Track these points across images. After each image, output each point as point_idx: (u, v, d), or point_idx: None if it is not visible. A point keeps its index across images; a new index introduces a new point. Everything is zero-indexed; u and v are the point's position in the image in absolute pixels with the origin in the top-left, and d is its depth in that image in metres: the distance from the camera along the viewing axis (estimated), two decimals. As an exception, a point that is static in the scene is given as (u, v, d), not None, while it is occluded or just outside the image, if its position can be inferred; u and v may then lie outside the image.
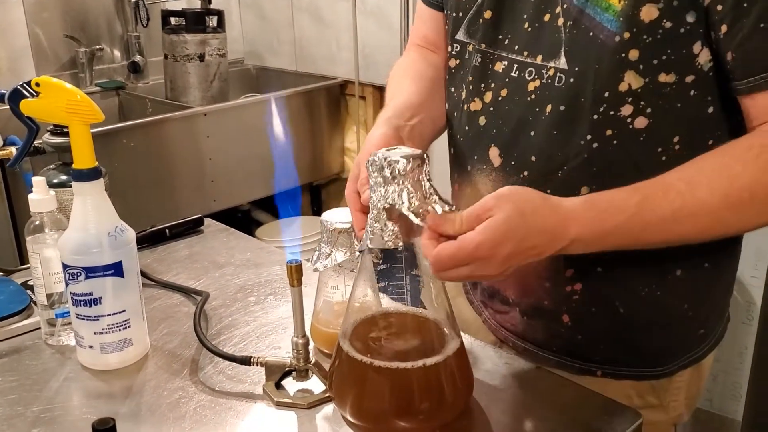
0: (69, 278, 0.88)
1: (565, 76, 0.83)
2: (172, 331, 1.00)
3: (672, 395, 0.96)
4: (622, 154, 0.82)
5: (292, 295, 0.83)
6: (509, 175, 0.89)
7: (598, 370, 0.94)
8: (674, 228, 0.77)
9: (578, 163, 0.84)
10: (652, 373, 0.94)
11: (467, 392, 0.81)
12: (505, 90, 0.90)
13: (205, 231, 1.34)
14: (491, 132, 0.91)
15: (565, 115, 0.83)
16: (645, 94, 0.80)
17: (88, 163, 0.86)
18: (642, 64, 0.78)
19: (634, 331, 0.92)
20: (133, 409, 0.85)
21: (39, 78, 0.85)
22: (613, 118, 0.81)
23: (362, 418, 0.79)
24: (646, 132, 0.81)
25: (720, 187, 0.76)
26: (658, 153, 0.82)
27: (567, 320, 0.93)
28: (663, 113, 0.80)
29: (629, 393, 0.94)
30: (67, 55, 2.55)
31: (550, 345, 0.96)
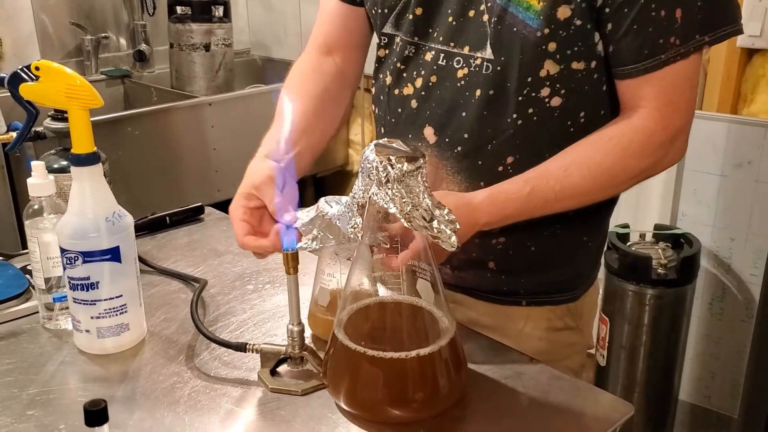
0: (66, 262, 0.88)
1: (492, 65, 0.95)
2: (169, 318, 1.01)
3: (585, 318, 1.12)
4: (541, 127, 0.97)
5: (288, 282, 0.83)
6: (444, 150, 1.01)
7: (523, 300, 1.08)
8: (557, 206, 0.95)
9: (505, 138, 0.97)
10: (566, 297, 1.09)
11: (461, 382, 0.81)
12: (435, 77, 1.01)
13: (205, 219, 1.34)
14: (425, 113, 1.02)
15: (493, 98, 0.96)
16: (560, 79, 0.94)
17: (87, 148, 0.87)
18: (558, 54, 0.93)
19: (545, 263, 1.06)
20: (127, 394, 0.85)
21: (39, 62, 0.85)
22: (534, 99, 0.95)
23: (356, 406, 0.79)
24: (560, 109, 0.96)
25: (588, 173, 0.93)
26: (568, 125, 0.97)
27: (492, 266, 1.06)
28: (574, 93, 0.96)
29: (550, 316, 1.09)
30: (73, 43, 2.56)
31: (479, 289, 1.09)
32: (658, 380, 1.96)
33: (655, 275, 1.85)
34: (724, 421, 2.05)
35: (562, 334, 1.10)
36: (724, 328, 2.02)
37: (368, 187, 0.75)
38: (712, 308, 2.02)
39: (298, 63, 1.16)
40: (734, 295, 1.97)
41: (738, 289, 1.95)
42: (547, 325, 1.08)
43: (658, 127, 0.93)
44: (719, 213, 1.93)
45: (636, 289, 1.85)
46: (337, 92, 1.14)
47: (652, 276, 1.85)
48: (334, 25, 1.15)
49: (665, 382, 1.98)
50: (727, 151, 1.87)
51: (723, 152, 1.88)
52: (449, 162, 1.01)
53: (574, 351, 1.12)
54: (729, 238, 1.92)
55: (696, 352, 2.07)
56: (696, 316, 2.01)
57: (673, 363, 1.96)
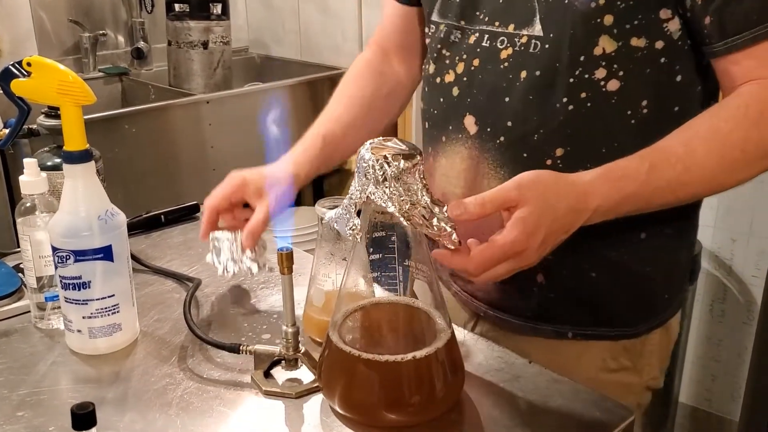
0: (58, 261, 0.87)
1: (540, 43, 0.87)
2: (162, 318, 0.99)
3: (646, 359, 1.00)
4: (595, 116, 0.87)
5: (283, 283, 0.82)
6: (485, 141, 0.93)
7: (570, 331, 0.97)
8: (680, 189, 0.83)
9: (554, 126, 0.88)
10: (620, 334, 0.98)
11: (458, 385, 0.80)
12: (477, 60, 0.93)
13: (200, 218, 1.32)
14: (466, 101, 0.95)
15: (541, 80, 0.87)
16: (618, 58, 0.84)
17: (79, 146, 0.85)
18: (616, 29, 0.83)
19: (601, 292, 0.96)
20: (119, 395, 0.84)
21: (31, 58, 0.84)
22: (587, 81, 0.86)
23: (351, 409, 0.78)
24: (618, 94, 0.86)
25: (714, 148, 0.81)
26: (628, 116, 0.87)
27: (541, 280, 0.96)
28: (634, 77, 0.85)
29: (604, 356, 0.98)
30: (71, 40, 2.54)
31: (523, 310, 0.99)
32: (658, 382, 1.94)
33: (655, 276, 1.83)
34: (724, 425, 2.04)
35: (615, 375, 0.98)
36: (725, 331, 2.00)
37: (365, 187, 0.74)
38: (712, 310, 2.01)
39: (356, 60, 1.16)
40: (735, 297, 1.96)
41: (739, 290, 1.94)
42: (600, 366, 0.97)
43: None
44: (721, 214, 1.92)
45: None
46: (388, 93, 1.13)
47: (653, 277, 1.83)
48: (392, 25, 1.14)
49: (666, 384, 1.96)
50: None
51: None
52: (491, 155, 0.92)
53: (629, 392, 1.00)
54: (730, 239, 1.91)
55: (696, 354, 2.06)
56: (696, 318, 2.00)
57: (673, 365, 1.95)
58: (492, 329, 1.03)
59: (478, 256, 0.76)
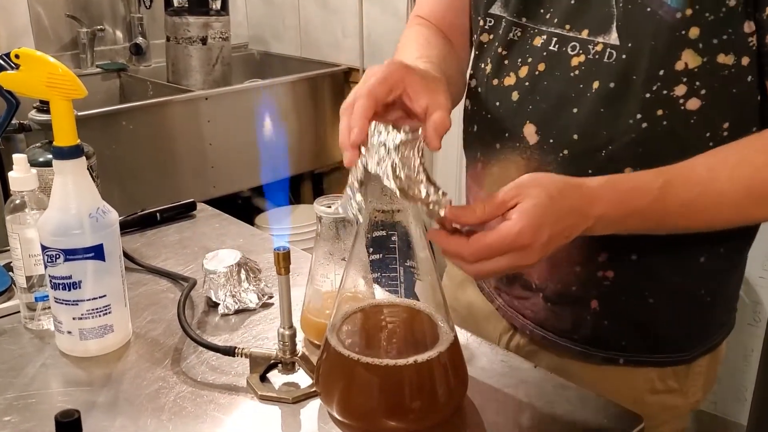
0: (48, 260, 0.84)
1: (616, 53, 0.80)
2: (156, 318, 0.97)
3: (692, 381, 0.95)
4: (671, 135, 0.80)
5: (279, 283, 0.79)
6: (547, 153, 0.86)
7: (621, 358, 0.93)
8: (695, 214, 0.78)
9: (625, 143, 0.82)
10: (673, 360, 0.93)
11: (461, 391, 0.77)
12: (543, 65, 0.87)
13: (197, 216, 1.30)
14: (527, 108, 0.88)
15: (615, 92, 0.81)
16: (701, 75, 0.78)
17: (70, 141, 0.82)
18: (701, 43, 0.76)
19: (659, 319, 0.91)
20: (110, 399, 0.81)
21: (19, 50, 0.81)
22: (665, 98, 0.79)
23: (349, 415, 0.75)
24: (698, 114, 0.79)
25: (742, 178, 0.76)
26: (706, 138, 0.80)
27: (595, 306, 0.90)
28: (717, 96, 0.79)
29: (652, 377, 0.93)
30: (69, 35, 2.52)
31: (572, 333, 0.93)
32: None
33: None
34: (729, 427, 2.01)
35: (661, 397, 0.94)
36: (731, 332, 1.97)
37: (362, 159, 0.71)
38: (717, 311, 1.98)
39: (409, 31, 1.02)
40: (741, 298, 1.92)
41: (746, 291, 1.91)
42: (646, 388, 0.93)
43: None
44: (726, 214, 1.88)
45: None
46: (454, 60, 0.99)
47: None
48: (438, 6, 1.03)
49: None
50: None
51: (731, 151, 1.84)
52: (552, 168, 0.85)
53: (673, 416, 0.96)
54: (737, 239, 1.88)
55: (701, 355, 2.03)
56: (701, 320, 1.97)
57: (677, 367, 1.92)
58: (529, 344, 0.99)
59: (477, 243, 0.72)
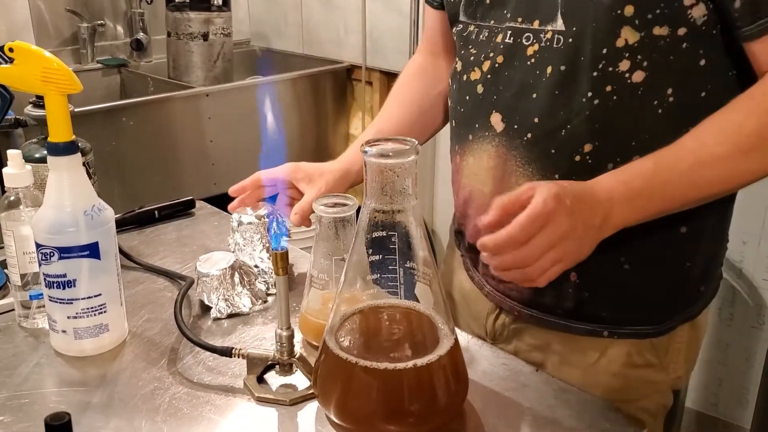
0: (42, 258, 0.83)
1: (563, 38, 0.86)
2: (153, 318, 0.95)
3: (672, 356, 0.98)
4: (622, 108, 0.85)
5: (277, 284, 0.77)
6: (512, 138, 0.92)
7: (604, 330, 0.95)
8: (698, 180, 0.81)
9: (580, 121, 0.87)
10: (654, 330, 0.95)
11: (461, 394, 0.76)
12: (501, 57, 0.92)
13: (196, 213, 1.28)
14: (491, 98, 0.94)
15: (566, 75, 0.86)
16: (641, 49, 0.83)
17: (65, 137, 0.81)
18: (637, 19, 0.82)
19: (638, 288, 0.93)
20: (104, 400, 0.80)
21: (13, 43, 0.79)
22: (612, 74, 0.84)
23: (347, 419, 0.74)
24: (643, 86, 0.84)
25: (728, 138, 0.80)
26: (654, 106, 0.85)
27: (575, 278, 0.93)
28: (658, 66, 0.84)
29: (629, 351, 0.96)
30: (69, 31, 2.50)
31: (555, 308, 0.96)
32: (664, 387, 1.91)
33: (663, 278, 1.79)
34: (731, 429, 2.00)
35: (640, 371, 0.96)
36: (733, 334, 1.96)
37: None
38: (721, 313, 1.96)
39: (407, 66, 1.19)
40: (744, 301, 1.91)
41: (749, 294, 1.89)
42: (625, 360, 0.95)
43: None
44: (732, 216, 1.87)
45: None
46: (440, 93, 1.13)
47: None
48: (434, 29, 1.15)
49: (671, 388, 1.92)
50: (740, 152, 1.81)
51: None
52: (518, 152, 0.91)
53: (654, 390, 0.98)
54: (741, 241, 1.86)
55: (703, 358, 2.01)
56: (704, 321, 1.96)
57: (679, 369, 1.91)
58: (514, 322, 1.02)
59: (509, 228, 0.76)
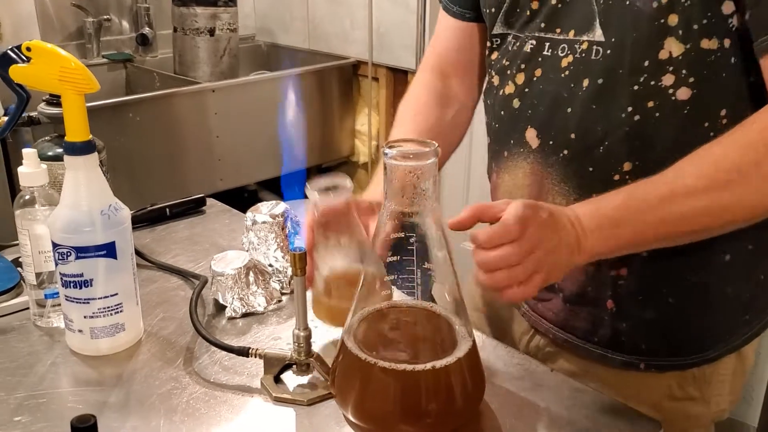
0: (59, 258, 0.83)
1: (601, 49, 0.81)
2: (167, 317, 0.95)
3: (715, 388, 0.93)
4: (666, 126, 0.80)
5: (295, 284, 0.77)
6: (548, 155, 0.88)
7: (642, 362, 0.91)
8: (668, 214, 0.75)
9: (619, 137, 0.82)
10: (694, 360, 0.91)
11: (478, 396, 0.76)
12: (539, 70, 0.88)
13: (207, 211, 1.28)
14: (526, 113, 0.90)
15: (604, 88, 0.82)
16: (687, 62, 0.77)
17: (82, 136, 0.81)
18: (682, 30, 0.76)
19: (679, 318, 0.89)
20: (121, 399, 0.80)
21: (30, 42, 0.79)
22: (654, 89, 0.79)
23: (365, 419, 0.74)
24: (690, 104, 0.79)
25: (706, 172, 0.74)
26: (705, 128, 0.80)
27: (611, 306, 0.90)
28: (707, 83, 0.78)
29: (670, 384, 0.92)
30: (74, 25, 2.49)
31: (592, 336, 0.93)
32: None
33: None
34: (736, 428, 2.00)
35: (681, 404, 0.92)
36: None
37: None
38: (727, 311, 1.96)
39: (413, 86, 1.08)
40: (751, 298, 1.91)
41: (756, 292, 1.90)
42: (665, 393, 0.91)
43: None
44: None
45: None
46: (453, 117, 1.05)
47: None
48: (448, 42, 1.07)
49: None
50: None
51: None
52: (554, 169, 0.87)
53: (695, 425, 0.94)
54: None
55: (709, 355, 2.01)
56: (711, 319, 1.96)
57: (687, 367, 1.91)
58: (549, 345, 0.99)
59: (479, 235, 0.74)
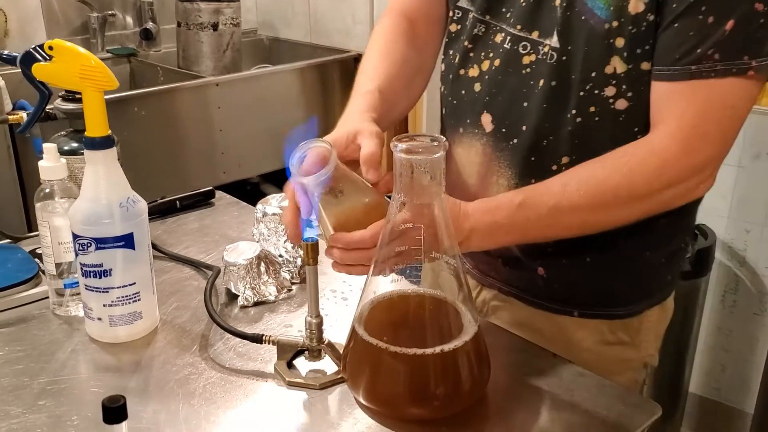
0: (79, 248, 0.86)
1: (557, 54, 0.90)
2: (181, 306, 0.99)
3: (643, 335, 1.03)
4: (602, 130, 0.90)
5: (308, 274, 0.81)
6: (500, 140, 0.96)
7: (575, 311, 1.01)
8: (553, 224, 0.87)
9: (562, 135, 0.91)
10: (623, 313, 1.01)
11: (484, 380, 0.79)
12: (499, 60, 0.96)
13: (216, 204, 1.31)
14: (484, 99, 0.97)
15: (556, 90, 0.90)
16: (627, 79, 0.87)
17: (101, 131, 0.84)
18: (626, 52, 0.85)
19: (602, 277, 0.99)
20: (141, 384, 0.83)
21: (52, 41, 0.82)
22: (597, 97, 0.88)
23: (376, 401, 0.78)
24: (625, 113, 0.88)
25: (587, 189, 0.85)
26: (635, 132, 0.89)
27: (542, 272, 1.00)
28: (641, 98, 0.87)
29: (602, 329, 1.01)
30: (79, 20, 2.51)
31: (530, 291, 1.03)
32: (668, 372, 1.94)
33: (668, 267, 1.83)
34: (733, 414, 2.04)
35: (614, 348, 1.02)
36: (736, 321, 2.00)
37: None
38: (724, 300, 2.00)
39: (380, 27, 1.09)
40: (747, 288, 1.95)
41: (752, 281, 1.93)
42: (598, 338, 1.01)
43: (679, 150, 0.83)
44: (735, 204, 1.90)
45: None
46: (417, 63, 1.06)
47: (666, 267, 1.83)
48: None
49: (676, 374, 1.96)
50: (745, 142, 1.84)
51: (741, 143, 1.85)
52: (503, 154, 0.96)
53: (627, 367, 1.03)
54: (744, 230, 1.90)
55: (707, 344, 2.05)
56: (708, 309, 1.99)
57: (684, 356, 1.95)
58: (495, 299, 1.07)
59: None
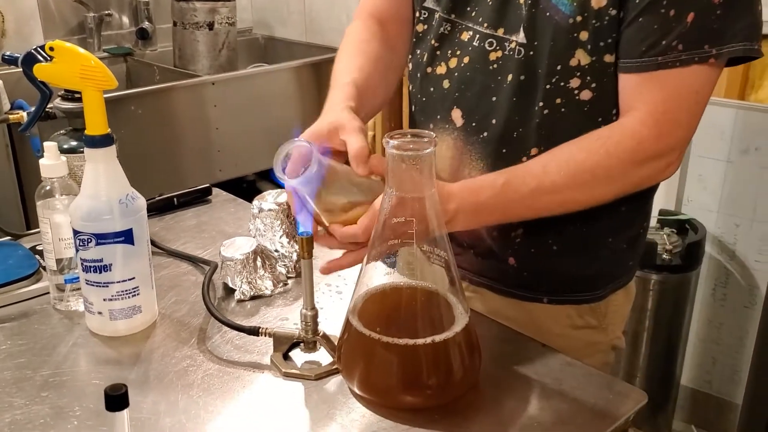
0: (79, 244, 0.88)
1: (524, 50, 0.93)
2: (180, 300, 1.01)
3: (610, 318, 1.08)
4: (568, 121, 0.94)
5: (303, 267, 0.83)
6: (470, 134, 1.00)
7: (544, 297, 1.05)
8: (534, 203, 0.90)
9: (531, 127, 0.95)
10: (590, 297, 1.06)
11: (475, 369, 0.81)
12: (467, 57, 0.99)
13: (212, 201, 1.34)
14: (454, 95, 1.01)
15: (523, 85, 0.94)
16: (591, 71, 0.91)
17: (101, 130, 0.86)
18: (590, 45, 0.90)
19: (569, 264, 1.03)
20: (141, 376, 0.85)
21: (53, 42, 0.85)
22: (563, 89, 0.93)
23: (370, 391, 0.80)
24: (590, 104, 0.93)
25: (566, 170, 0.89)
26: (598, 122, 0.93)
27: (513, 262, 1.04)
28: (605, 89, 0.92)
29: (571, 313, 1.06)
30: (75, 20, 2.53)
31: (501, 281, 1.07)
32: (660, 365, 1.97)
33: (659, 261, 1.85)
34: (724, 406, 2.07)
35: (582, 332, 1.06)
36: (726, 314, 2.03)
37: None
38: (714, 294, 2.02)
39: (351, 29, 1.12)
40: (737, 281, 1.98)
41: (741, 275, 1.96)
42: (567, 323, 1.06)
43: (651, 134, 0.88)
44: (725, 199, 1.93)
45: (640, 275, 1.84)
46: (390, 61, 1.09)
47: (657, 262, 1.85)
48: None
49: (667, 367, 1.99)
50: (734, 137, 1.87)
51: (730, 138, 1.88)
52: (474, 147, 1.00)
53: (596, 350, 1.08)
54: (734, 224, 1.92)
55: (698, 337, 2.08)
56: (698, 302, 2.02)
57: (675, 348, 1.97)
58: (466, 289, 1.09)
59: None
